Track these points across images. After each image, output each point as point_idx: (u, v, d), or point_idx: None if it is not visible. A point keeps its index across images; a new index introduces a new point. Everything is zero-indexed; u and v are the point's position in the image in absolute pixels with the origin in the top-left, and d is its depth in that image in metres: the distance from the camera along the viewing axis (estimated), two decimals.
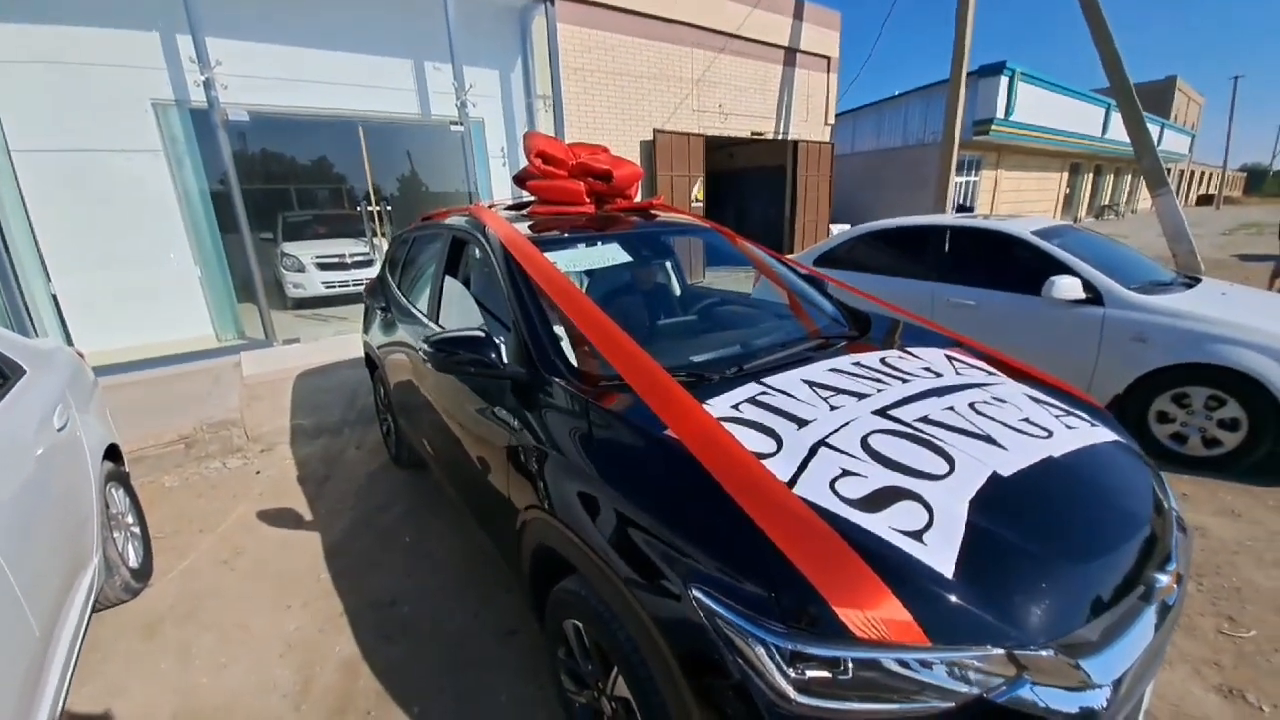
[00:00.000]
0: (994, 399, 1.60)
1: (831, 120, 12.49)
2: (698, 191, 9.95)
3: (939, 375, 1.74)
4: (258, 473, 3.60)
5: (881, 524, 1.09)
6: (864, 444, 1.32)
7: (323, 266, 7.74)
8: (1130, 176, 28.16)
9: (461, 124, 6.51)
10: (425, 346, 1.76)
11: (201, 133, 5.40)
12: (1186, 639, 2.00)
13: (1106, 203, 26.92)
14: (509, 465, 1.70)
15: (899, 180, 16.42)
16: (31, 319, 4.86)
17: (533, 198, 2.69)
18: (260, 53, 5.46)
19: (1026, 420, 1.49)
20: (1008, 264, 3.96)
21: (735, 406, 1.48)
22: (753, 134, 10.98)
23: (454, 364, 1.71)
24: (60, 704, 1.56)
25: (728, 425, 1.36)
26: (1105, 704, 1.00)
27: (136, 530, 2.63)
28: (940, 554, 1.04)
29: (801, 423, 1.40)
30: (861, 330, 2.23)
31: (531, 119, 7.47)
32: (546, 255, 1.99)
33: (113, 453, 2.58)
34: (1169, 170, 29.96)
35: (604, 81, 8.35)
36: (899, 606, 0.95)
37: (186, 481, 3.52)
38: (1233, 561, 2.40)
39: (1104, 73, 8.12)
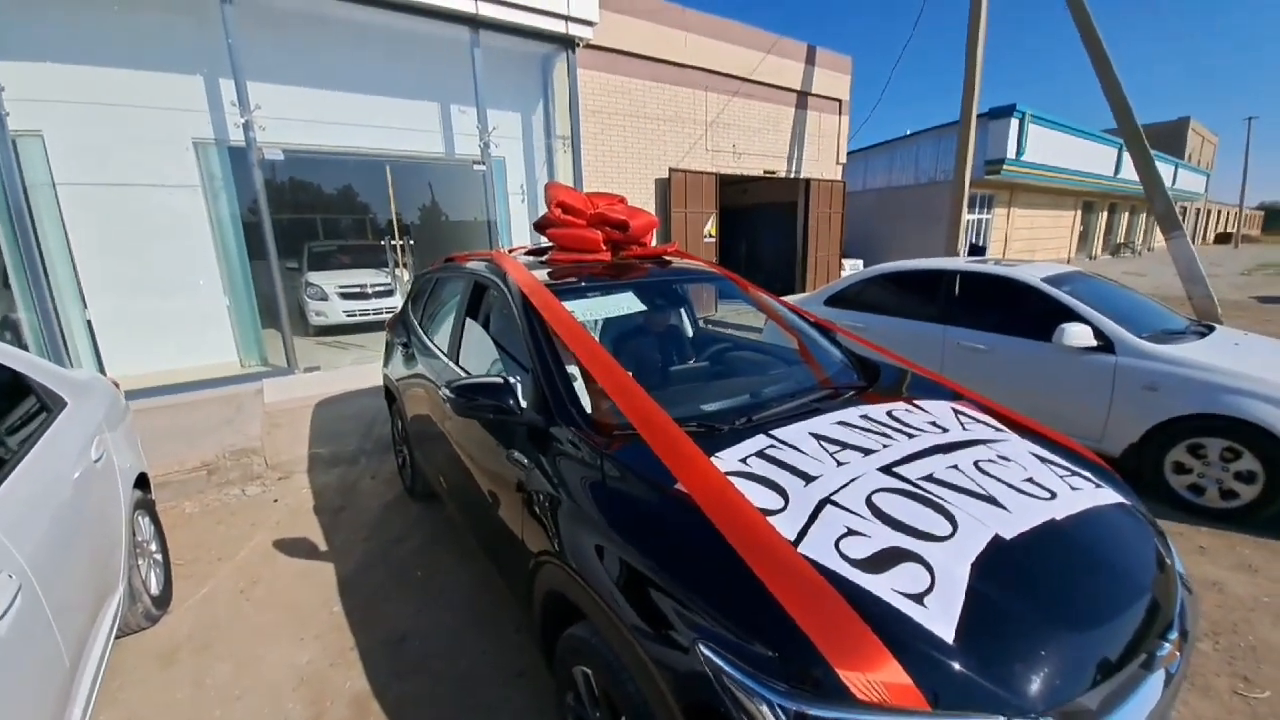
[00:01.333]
0: (999, 457, 1.63)
1: (843, 159, 12.75)
2: (710, 228, 10.15)
3: (945, 430, 1.78)
4: (275, 501, 3.67)
5: (884, 585, 1.12)
6: (869, 502, 1.36)
7: (345, 295, 7.97)
8: (1146, 214, 28.16)
9: (484, 164, 6.77)
10: (446, 391, 1.84)
11: (237, 169, 5.68)
12: (1200, 699, 1.97)
13: (1122, 240, 26.86)
14: (523, 508, 1.76)
15: (911, 217, 16.58)
16: (66, 343, 5.07)
17: (551, 244, 2.81)
18: (296, 96, 5.77)
19: (1030, 480, 1.52)
20: (1018, 309, 3.99)
21: (744, 460, 1.52)
22: (765, 172, 11.23)
23: (474, 409, 1.79)
24: None
25: (736, 480, 1.41)
26: None
27: (159, 558, 2.71)
28: (941, 618, 1.07)
29: (808, 479, 1.44)
30: (870, 380, 2.28)
31: (551, 159, 7.74)
32: (565, 304, 2.08)
33: (142, 481, 2.67)
34: (1184, 209, 29.87)
35: (621, 123, 8.65)
36: (899, 670, 0.98)
37: (207, 508, 3.60)
38: (1249, 619, 2.36)
39: (1113, 118, 8.25)
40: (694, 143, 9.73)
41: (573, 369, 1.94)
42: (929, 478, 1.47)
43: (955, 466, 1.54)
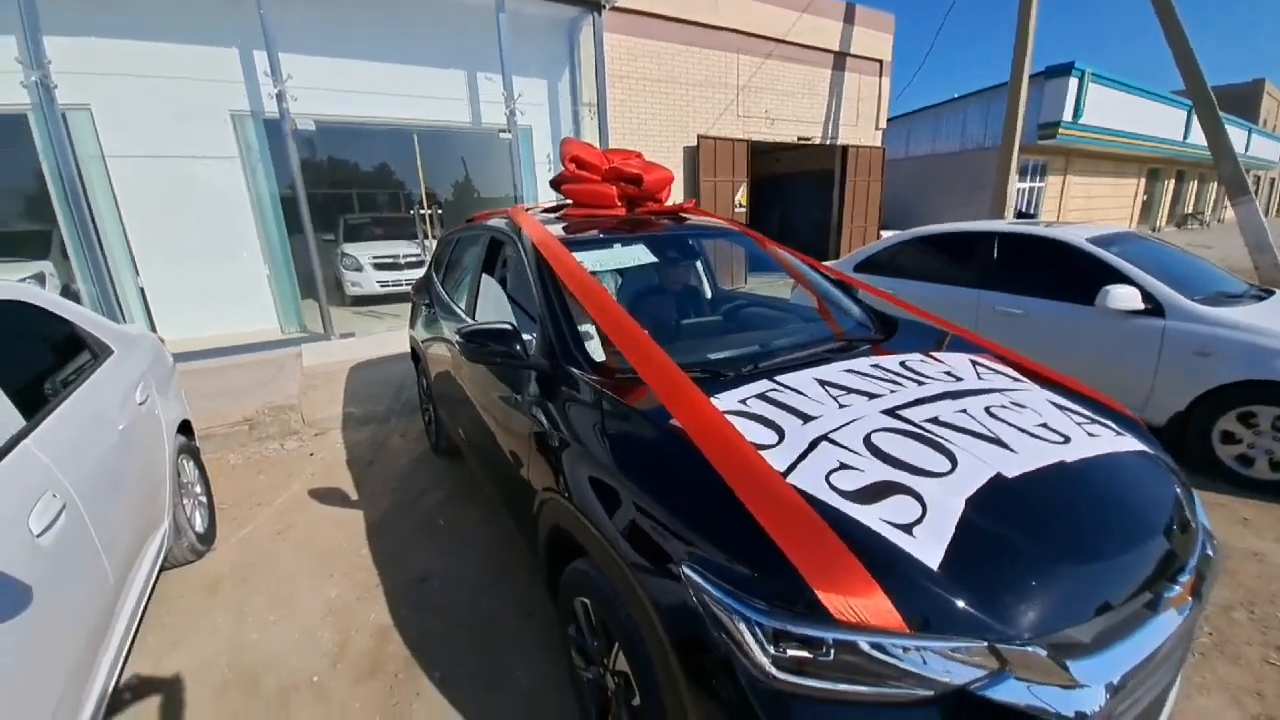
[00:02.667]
0: (1013, 404, 1.58)
1: (883, 124, 12.21)
2: (741, 197, 9.94)
3: (959, 379, 1.73)
4: (311, 454, 3.86)
5: (872, 515, 1.11)
6: (866, 440, 1.34)
7: (379, 266, 8.18)
8: (1216, 183, 26.09)
9: (510, 132, 6.77)
10: (457, 337, 1.88)
11: (272, 141, 5.84)
12: (1229, 666, 1.89)
13: (1189, 211, 25.02)
14: (529, 450, 1.81)
15: (956, 185, 15.84)
16: (121, 309, 5.38)
17: (567, 201, 2.81)
18: (325, 66, 5.85)
19: (1044, 425, 1.47)
20: (1060, 272, 3.80)
21: (743, 401, 1.52)
22: (799, 139, 10.87)
23: (483, 354, 1.82)
24: (128, 643, 1.75)
25: (732, 418, 1.41)
26: (1098, 708, 0.99)
27: (204, 499, 2.89)
28: (928, 546, 1.05)
29: (807, 418, 1.43)
30: (887, 334, 2.22)
31: (577, 126, 7.68)
32: (575, 255, 2.09)
33: (185, 428, 2.85)
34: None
35: (649, 89, 8.48)
36: (880, 593, 0.97)
37: (248, 459, 3.82)
38: None
39: (1178, 73, 7.62)
40: (724, 108, 9.48)
41: (587, 327, 1.96)
42: (934, 420, 1.44)
43: (964, 411, 1.50)
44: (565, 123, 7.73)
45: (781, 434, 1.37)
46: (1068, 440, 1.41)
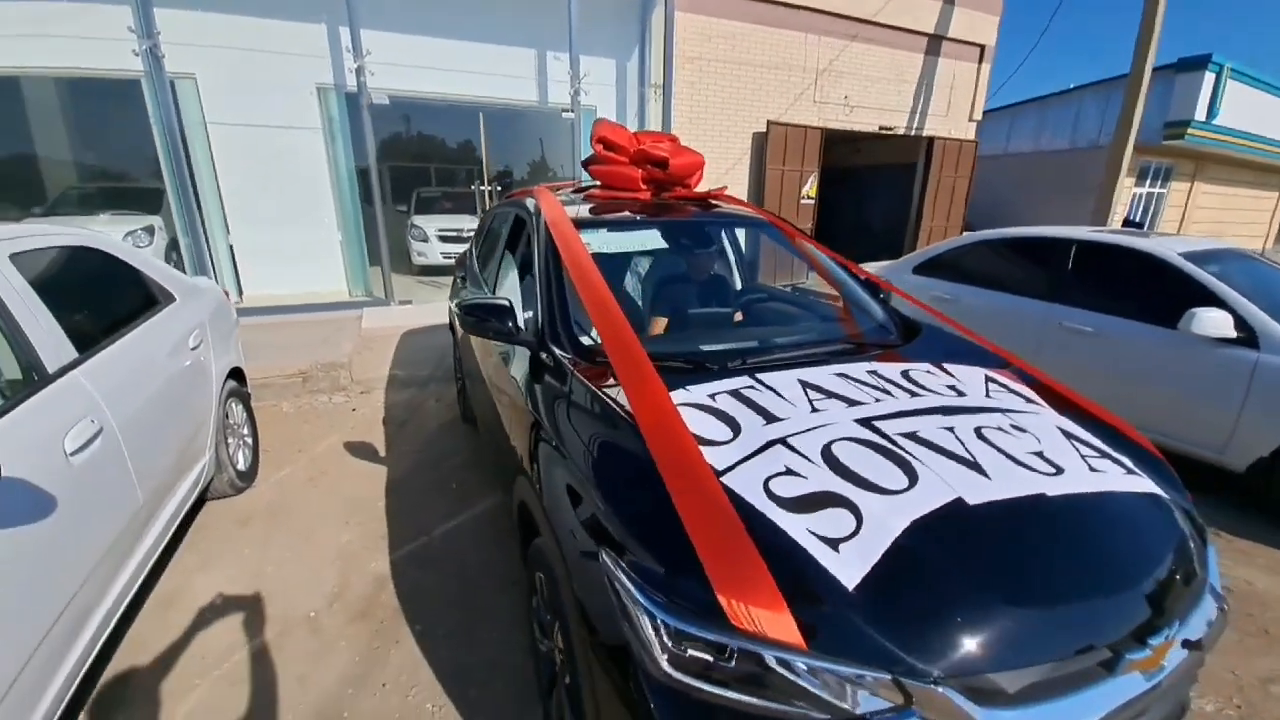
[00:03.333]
0: (1013, 427, 1.45)
1: (978, 115, 11.29)
2: (809, 188, 9.54)
3: (961, 395, 1.60)
4: (354, 410, 4.14)
5: (799, 526, 1.06)
6: (825, 448, 1.27)
7: (443, 238, 8.55)
8: None
9: (572, 111, 6.82)
10: (456, 309, 1.95)
11: (351, 114, 6.20)
12: None
13: None
14: (514, 425, 1.85)
15: (1060, 187, 14.40)
16: (213, 263, 5.95)
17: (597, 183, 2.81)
18: (400, 42, 6.11)
19: (1038, 454, 1.33)
20: (1143, 289, 3.42)
21: (712, 395, 1.48)
22: (881, 128, 10.27)
23: (479, 327, 1.88)
24: (155, 554, 1.99)
25: (692, 410, 1.38)
26: None
27: (249, 441, 3.18)
28: (850, 565, 0.99)
29: (771, 419, 1.38)
30: (908, 339, 2.09)
31: (643, 108, 7.62)
32: (584, 234, 2.09)
33: (237, 374, 3.13)
34: None
35: (720, 70, 8.26)
36: (783, 606, 0.93)
37: (299, 409, 4.15)
38: None
39: None
40: (800, 93, 9.08)
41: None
42: (910, 435, 1.35)
43: (950, 429, 1.39)
44: (631, 104, 7.70)
45: (737, 432, 1.33)
46: (1059, 472, 1.27)
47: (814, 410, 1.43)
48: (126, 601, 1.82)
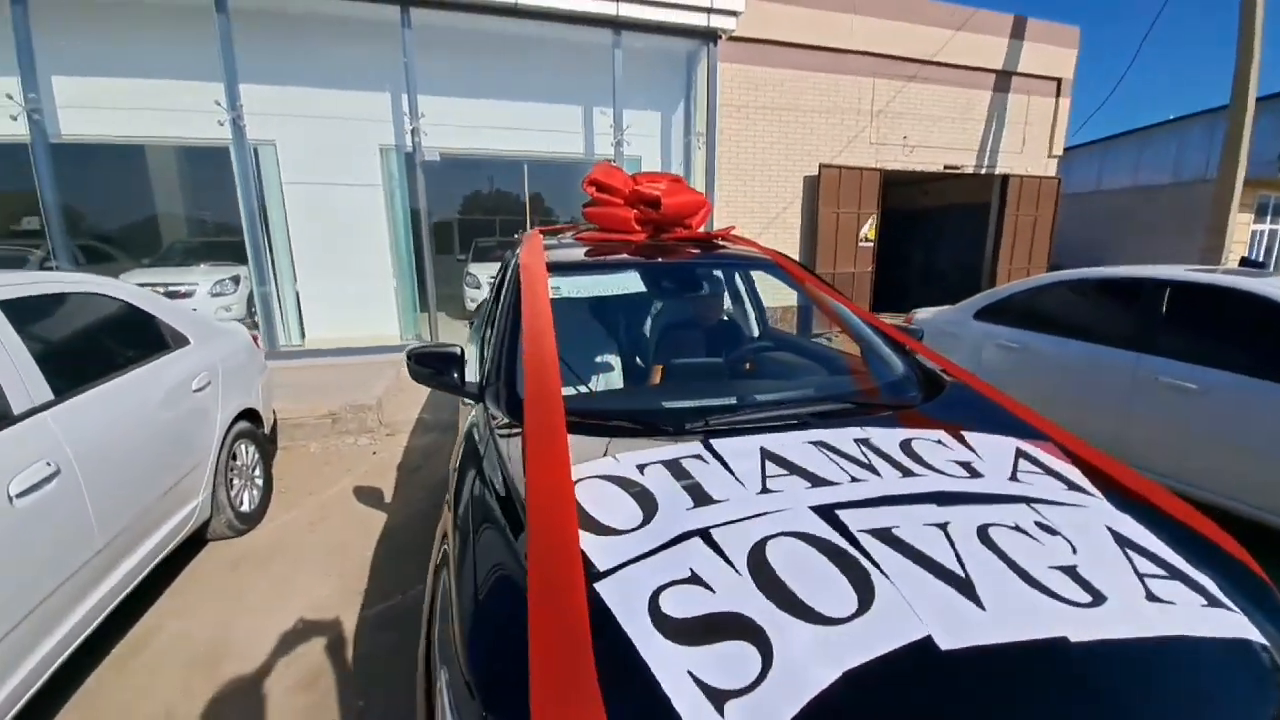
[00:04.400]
0: (1037, 525, 1.08)
1: (1059, 151, 10.51)
2: (868, 230, 9.13)
3: (975, 476, 1.24)
4: (374, 453, 4.17)
5: (678, 665, 0.78)
6: (755, 547, 0.99)
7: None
8: None
9: (616, 162, 6.94)
10: (405, 358, 1.85)
11: (408, 171, 6.62)
12: None
13: None
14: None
15: (1163, 225, 13.00)
16: (282, 309, 6.41)
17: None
18: (450, 105, 6.51)
19: (1068, 570, 0.97)
20: (1258, 338, 2.85)
21: (640, 467, 1.24)
22: (946, 168, 9.76)
23: (421, 377, 1.76)
24: (117, 598, 1.98)
25: (605, 486, 1.16)
26: None
27: (259, 482, 3.22)
28: None
29: (702, 501, 1.11)
30: (929, 398, 1.75)
31: (688, 156, 7.66)
32: (556, 278, 1.97)
33: (252, 415, 3.20)
34: None
35: (767, 116, 8.21)
36: None
37: (325, 449, 4.23)
38: None
39: None
40: (854, 135, 8.84)
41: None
42: (881, 533, 1.03)
43: (941, 526, 1.06)
44: (676, 152, 7.76)
45: (650, 517, 1.07)
46: (1096, 601, 0.91)
47: (764, 490, 1.15)
48: (73, 647, 1.78)
